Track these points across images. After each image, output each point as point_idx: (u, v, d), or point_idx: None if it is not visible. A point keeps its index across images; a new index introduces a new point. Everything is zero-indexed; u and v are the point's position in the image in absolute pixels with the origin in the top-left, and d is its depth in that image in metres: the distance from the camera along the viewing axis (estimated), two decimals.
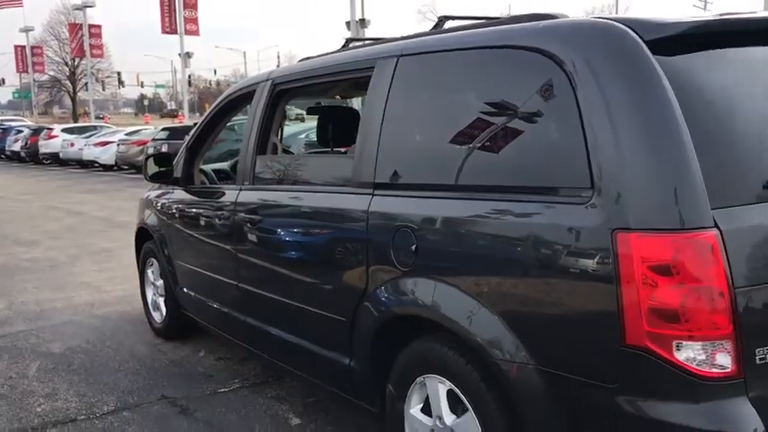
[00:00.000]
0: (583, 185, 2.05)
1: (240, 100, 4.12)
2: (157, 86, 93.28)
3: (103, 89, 59.93)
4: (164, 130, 20.17)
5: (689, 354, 1.87)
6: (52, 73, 58.40)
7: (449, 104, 2.65)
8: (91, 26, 38.01)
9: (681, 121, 1.95)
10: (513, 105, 2.35)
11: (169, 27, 28.99)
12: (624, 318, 1.92)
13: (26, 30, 48.81)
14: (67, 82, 58.23)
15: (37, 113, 60.49)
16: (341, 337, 2.98)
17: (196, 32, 29.09)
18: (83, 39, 36.70)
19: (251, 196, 3.65)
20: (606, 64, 2.08)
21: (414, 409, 2.70)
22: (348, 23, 21.51)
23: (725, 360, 1.87)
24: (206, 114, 4.55)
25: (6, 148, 30.61)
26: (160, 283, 5.01)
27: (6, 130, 31.89)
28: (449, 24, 3.05)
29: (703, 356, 1.87)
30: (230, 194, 3.83)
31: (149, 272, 5.22)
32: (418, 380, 2.64)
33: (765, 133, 2.10)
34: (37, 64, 52.18)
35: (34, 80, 58.17)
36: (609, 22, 2.16)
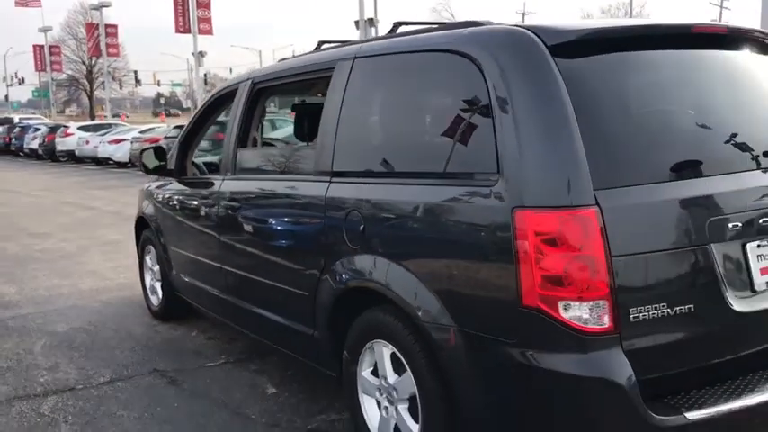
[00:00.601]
0: (491, 171, 2.39)
1: (225, 98, 4.48)
2: (174, 85, 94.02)
3: (120, 88, 60.79)
4: (176, 128, 20.64)
5: (573, 313, 2.21)
6: (70, 72, 59.42)
7: (390, 101, 3.00)
8: (107, 26, 38.72)
9: (571, 115, 2.28)
10: (441, 102, 2.70)
11: (183, 27, 29.52)
12: (521, 283, 2.26)
13: (44, 29, 49.72)
14: (85, 81, 59.18)
15: (55, 112, 61.40)
16: (305, 311, 3.33)
17: (209, 32, 29.60)
18: (99, 38, 37.46)
19: (231, 186, 4.01)
20: (512, 65, 2.42)
21: (365, 372, 3.05)
22: (357, 23, 21.88)
23: (603, 318, 2.20)
24: (196, 112, 4.93)
25: (24, 146, 31.26)
26: (157, 268, 5.39)
27: (24, 129, 32.56)
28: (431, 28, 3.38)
29: (585, 315, 2.20)
30: (215, 184, 4.20)
31: (147, 258, 5.60)
32: (368, 345, 2.99)
33: (647, 126, 2.43)
34: (55, 63, 53.08)
35: (52, 79, 59.12)
36: (518, 29, 2.49)
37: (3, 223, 11.23)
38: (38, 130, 30.98)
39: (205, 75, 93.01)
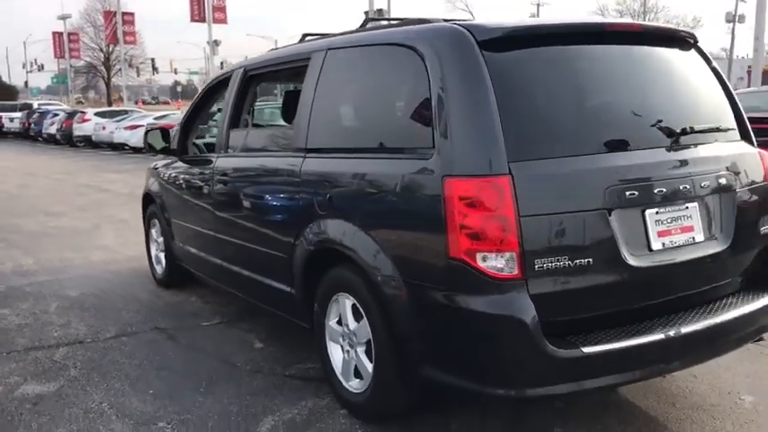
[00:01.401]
0: (429, 146, 2.85)
1: (222, 84, 4.95)
2: (191, 73, 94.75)
3: (138, 75, 61.49)
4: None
5: (489, 263, 2.66)
6: (88, 59, 60.29)
7: (353, 87, 3.47)
8: (124, 14, 39.37)
9: (492, 100, 2.72)
10: (393, 88, 3.17)
11: (198, 15, 30.04)
12: (448, 239, 2.72)
13: (63, 17, 50.52)
14: (102, 68, 60.01)
15: (74, 98, 62.25)
16: (284, 271, 3.81)
17: (224, 21, 30.13)
18: (116, 26, 38.11)
19: (224, 162, 4.50)
20: (447, 57, 2.87)
21: (331, 322, 3.52)
22: (366, 14, 22.32)
23: (512, 267, 2.65)
24: (196, 96, 5.41)
25: (43, 131, 31.94)
26: (161, 240, 5.89)
27: (43, 114, 33.25)
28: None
29: (498, 264, 2.66)
30: (210, 162, 4.68)
31: (153, 231, 6.11)
32: (333, 298, 3.46)
33: (556, 110, 2.87)
34: (73, 50, 53.87)
35: (71, 66, 59.99)
36: (455, 27, 2.94)
37: (21, 203, 11.81)
38: (56, 115, 31.65)
39: (221, 63, 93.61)
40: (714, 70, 3.45)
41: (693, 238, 3.02)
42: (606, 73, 3.08)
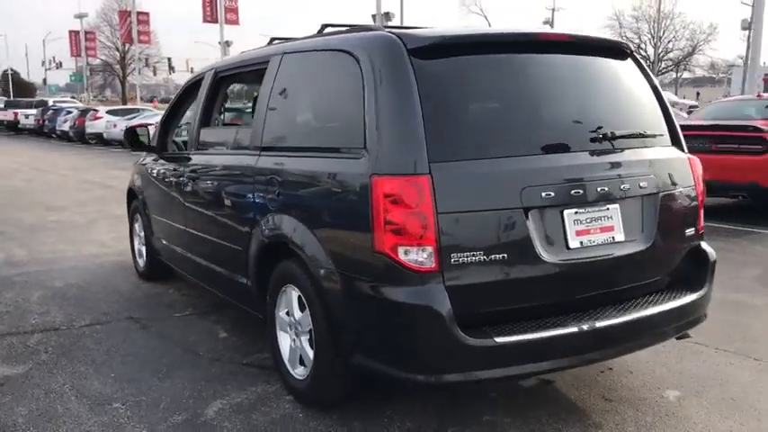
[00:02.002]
0: (361, 146, 3.03)
1: (196, 85, 5.16)
2: None
3: (154, 74, 62.13)
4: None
5: (409, 256, 2.84)
6: (104, 57, 61.04)
7: (301, 90, 3.67)
8: (139, 13, 39.88)
9: (417, 104, 2.90)
10: (334, 91, 3.36)
11: (210, 16, 30.41)
12: (374, 233, 2.90)
13: (80, 16, 51.18)
14: (118, 66, 60.73)
15: (91, 96, 62.95)
16: (241, 263, 4.00)
17: (236, 22, 30.46)
18: (131, 25, 38.60)
19: (193, 159, 4.70)
20: (378, 63, 3.05)
21: (281, 312, 3.71)
22: (374, 17, 22.54)
23: (430, 260, 2.83)
24: (175, 95, 5.63)
25: (57, 128, 32.38)
26: (143, 234, 6.11)
27: (57, 111, 33.69)
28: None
29: (417, 257, 2.84)
30: (182, 159, 4.89)
31: (136, 225, 6.34)
32: (282, 289, 3.65)
33: (478, 116, 3.05)
34: (90, 49, 54.57)
35: (87, 64, 60.73)
36: (388, 34, 3.12)
37: (26, 198, 12.09)
38: (69, 113, 32.07)
39: None
40: (648, 79, 3.61)
41: (613, 237, 3.19)
42: (534, 80, 3.25)
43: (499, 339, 2.86)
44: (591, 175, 3.14)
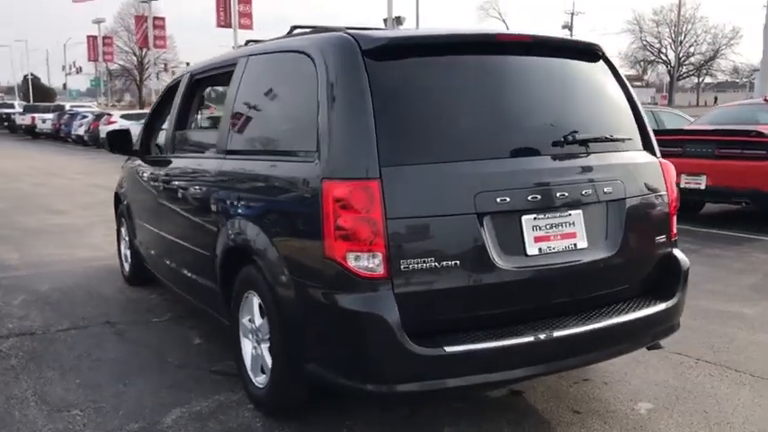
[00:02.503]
0: (314, 149, 2.95)
1: (175, 87, 5.11)
2: None
3: None
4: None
5: (358, 262, 2.76)
6: (121, 62, 61.57)
7: (262, 93, 3.61)
8: (155, 18, 40.19)
9: (369, 106, 2.82)
10: (291, 93, 3.29)
11: (224, 21, 30.55)
12: (324, 238, 2.82)
13: (98, 21, 51.65)
14: (135, 71, 61.27)
15: (109, 101, 63.46)
16: (210, 269, 3.94)
17: (249, 26, 30.56)
18: (147, 30, 38.92)
19: (168, 162, 4.66)
20: (333, 64, 2.98)
21: (244, 319, 3.64)
22: (385, 21, 22.50)
23: (379, 266, 2.75)
24: (156, 99, 5.60)
25: (72, 133, 32.65)
26: (128, 238, 6.08)
27: (73, 116, 33.99)
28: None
29: (366, 264, 2.75)
30: (159, 162, 4.85)
31: (122, 230, 6.31)
32: (245, 296, 3.58)
33: (432, 119, 2.95)
34: (107, 53, 55.02)
35: (107, 68, 61.31)
36: (344, 35, 3.04)
37: (31, 201, 12.15)
38: (84, 117, 32.33)
39: None
40: (620, 81, 3.51)
41: (575, 244, 3.08)
42: (493, 82, 3.15)
43: (449, 349, 2.77)
44: (551, 180, 3.04)
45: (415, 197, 2.82)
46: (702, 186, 8.33)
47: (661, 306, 3.29)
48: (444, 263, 2.81)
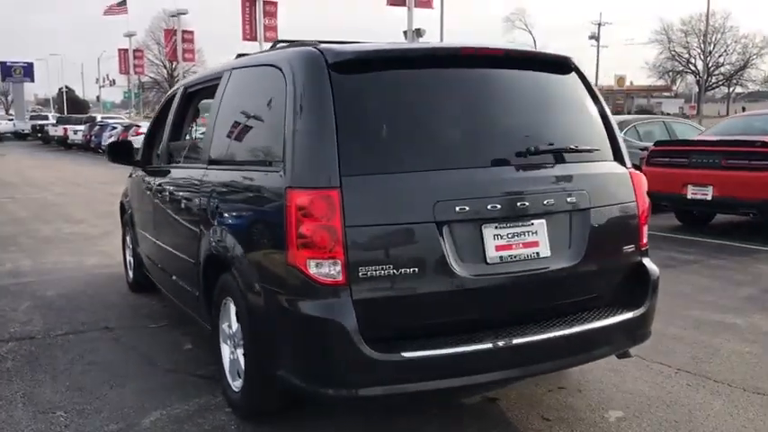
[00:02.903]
0: (280, 159, 3.05)
1: (172, 100, 5.26)
2: None
3: None
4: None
5: (318, 269, 2.84)
6: (152, 75, 62.65)
7: (238, 105, 3.72)
8: (184, 32, 40.89)
9: (331, 117, 2.91)
10: (265, 105, 3.39)
11: (250, 35, 30.95)
12: (287, 245, 2.91)
13: (129, 34, 52.60)
14: (166, 83, 62.26)
15: (146, 111, 64.43)
16: (194, 276, 4.05)
17: (274, 39, 30.75)
18: (176, 44, 39.63)
19: (162, 172, 4.80)
20: (299, 77, 3.07)
21: (224, 325, 3.74)
22: (405, 33, 22.65)
23: (338, 273, 2.82)
24: (157, 110, 5.76)
25: (102, 143, 33.24)
26: (132, 246, 6.23)
27: (103, 127, 34.62)
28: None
29: (326, 271, 2.83)
30: (155, 172, 4.99)
31: (128, 238, 6.46)
32: (223, 302, 3.68)
33: (393, 130, 3.02)
34: (137, 66, 56.01)
35: (139, 81, 62.41)
36: (311, 49, 3.14)
37: (51, 210, 12.44)
38: (114, 128, 32.92)
39: None
40: (592, 93, 3.55)
41: (538, 253, 3.13)
42: (458, 95, 3.21)
43: (407, 354, 2.83)
44: (514, 190, 3.10)
45: (375, 206, 2.89)
46: (709, 197, 8.28)
47: (628, 315, 3.32)
48: (403, 270, 2.88)
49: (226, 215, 3.54)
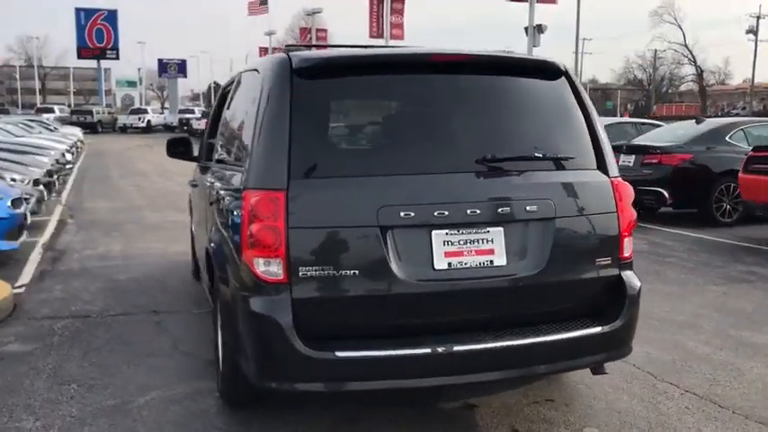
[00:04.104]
0: (247, 160, 3.20)
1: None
2: None
3: None
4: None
5: (264, 267, 2.97)
6: None
7: (236, 106, 3.91)
8: (318, 30, 42.32)
9: (287, 122, 3.03)
10: (247, 107, 3.56)
11: (376, 32, 31.57)
12: (241, 243, 3.06)
13: (269, 33, 54.99)
14: None
15: None
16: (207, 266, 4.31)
17: (401, 36, 31.31)
18: (310, 41, 40.94)
19: (200, 168, 5.11)
20: (267, 80, 3.21)
21: (217, 314, 3.95)
22: (526, 29, 22.25)
23: (279, 272, 2.94)
24: (213, 106, 6.10)
25: None
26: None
27: None
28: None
29: (269, 269, 2.96)
30: (201, 166, 5.33)
31: (192, 227, 6.89)
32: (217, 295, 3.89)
33: (346, 135, 3.09)
34: None
35: None
36: (282, 54, 3.26)
37: (166, 199, 13.32)
38: None
39: None
40: (579, 99, 3.42)
41: (492, 261, 3.09)
42: (419, 101, 3.23)
43: (341, 354, 2.91)
44: (469, 198, 3.07)
45: (320, 209, 2.98)
46: None
47: (596, 329, 3.20)
48: (344, 272, 2.95)
49: (216, 212, 3.75)
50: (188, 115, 47.63)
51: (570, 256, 3.22)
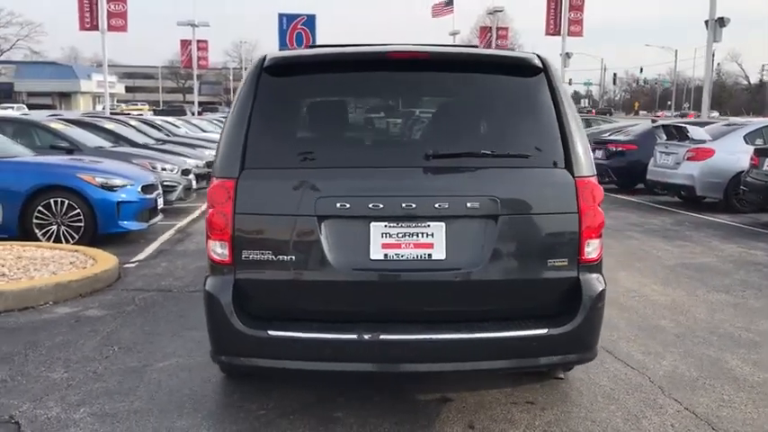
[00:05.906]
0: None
1: None
2: (585, 84, 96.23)
3: None
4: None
5: (215, 249, 3.25)
6: None
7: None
8: (499, 29, 41.99)
9: (247, 115, 3.27)
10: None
11: (553, 29, 30.71)
12: (208, 226, 3.36)
13: (453, 33, 55.41)
14: None
15: None
16: None
17: (579, 33, 30.17)
18: (491, 40, 40.82)
19: None
20: (245, 76, 3.46)
21: None
22: (707, 22, 20.62)
23: (226, 253, 3.20)
24: None
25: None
26: None
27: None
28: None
29: (219, 251, 3.23)
30: None
31: None
32: None
33: (299, 129, 3.25)
34: None
35: None
36: (267, 55, 3.48)
37: None
38: None
39: (614, 74, 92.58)
40: (554, 96, 3.33)
41: (430, 255, 3.12)
42: (373, 97, 3.33)
43: (272, 333, 3.11)
44: (403, 191, 3.12)
45: (265, 197, 3.20)
46: None
47: (541, 331, 3.13)
48: (282, 257, 3.15)
49: None
50: None
51: (516, 255, 3.16)
